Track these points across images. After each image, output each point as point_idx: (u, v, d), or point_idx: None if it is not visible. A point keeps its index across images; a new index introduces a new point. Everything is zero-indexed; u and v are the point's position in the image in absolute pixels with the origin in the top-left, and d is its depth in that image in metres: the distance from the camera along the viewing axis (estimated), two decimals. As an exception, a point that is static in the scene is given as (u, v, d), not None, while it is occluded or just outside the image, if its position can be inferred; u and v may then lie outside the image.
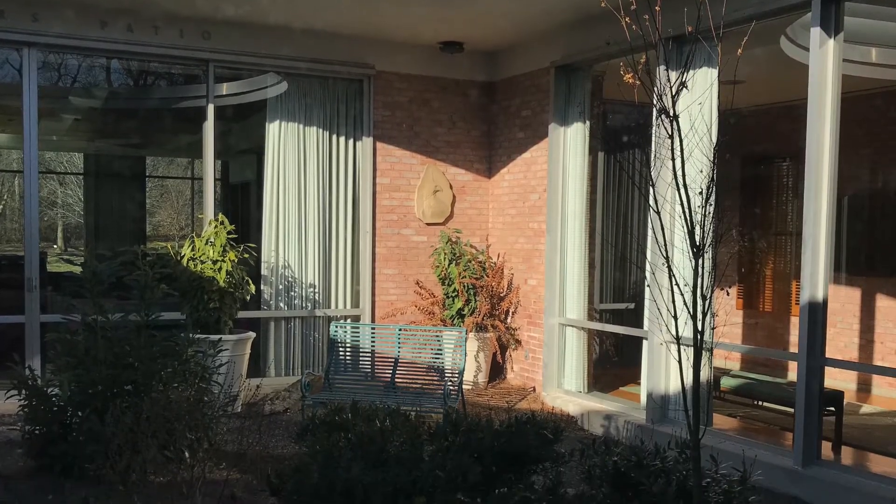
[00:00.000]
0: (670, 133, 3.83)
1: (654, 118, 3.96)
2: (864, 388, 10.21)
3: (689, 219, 3.83)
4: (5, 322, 8.96)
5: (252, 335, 9.03)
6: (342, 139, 10.39)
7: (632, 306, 10.81)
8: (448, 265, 10.46)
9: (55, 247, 31.37)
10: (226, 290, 8.57)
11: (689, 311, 3.89)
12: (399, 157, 10.57)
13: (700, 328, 3.89)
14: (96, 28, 8.95)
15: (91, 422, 6.17)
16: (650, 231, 7.83)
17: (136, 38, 9.13)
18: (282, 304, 10.10)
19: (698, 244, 3.84)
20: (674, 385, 7.96)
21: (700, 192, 3.83)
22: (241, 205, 15.66)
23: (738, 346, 10.77)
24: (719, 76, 6.88)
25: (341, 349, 8.98)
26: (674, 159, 3.84)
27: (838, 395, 7.76)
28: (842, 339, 10.54)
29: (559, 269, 9.71)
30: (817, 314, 6.63)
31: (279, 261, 10.08)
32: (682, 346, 4.00)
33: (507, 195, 10.72)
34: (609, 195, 11.04)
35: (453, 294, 10.39)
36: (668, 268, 3.93)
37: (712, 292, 3.93)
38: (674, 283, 3.91)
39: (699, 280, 3.85)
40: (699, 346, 3.90)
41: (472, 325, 10.12)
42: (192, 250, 8.73)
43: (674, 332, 3.89)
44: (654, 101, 3.83)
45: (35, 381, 6.52)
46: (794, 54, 7.88)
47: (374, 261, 10.46)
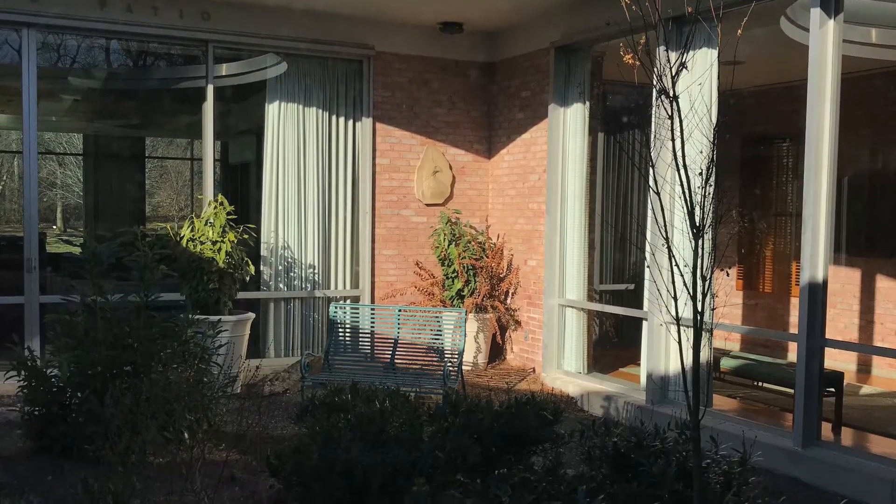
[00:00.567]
0: (670, 114, 3.81)
1: (653, 99, 3.93)
2: (864, 369, 10.23)
3: (688, 199, 3.82)
4: (4, 303, 8.94)
5: (251, 316, 9.03)
6: (342, 120, 10.37)
7: (632, 287, 10.82)
8: (448, 246, 10.44)
9: (54, 227, 31.40)
10: (225, 271, 8.57)
11: (689, 292, 3.88)
12: (399, 138, 10.54)
13: (700, 309, 3.88)
14: (95, 8, 8.92)
15: (90, 403, 6.19)
16: (650, 212, 7.82)
17: (136, 19, 9.09)
18: (281, 285, 10.10)
19: (698, 225, 3.83)
20: (674, 366, 7.98)
21: (700, 173, 3.82)
22: (241, 185, 15.65)
23: (738, 327, 10.77)
24: (719, 57, 6.86)
25: (341, 330, 8.99)
26: (673, 140, 3.83)
27: (838, 375, 7.76)
28: (842, 321, 10.54)
29: (559, 250, 9.70)
30: (817, 295, 6.63)
31: (279, 242, 10.07)
32: (681, 327, 3.99)
33: (506, 176, 10.70)
34: (609, 176, 11.02)
35: (453, 275, 10.39)
36: (668, 248, 3.92)
37: (712, 273, 3.92)
38: (673, 263, 3.90)
39: (699, 261, 3.84)
40: (699, 326, 3.89)
41: (471, 305, 10.12)
42: (192, 231, 8.72)
43: (673, 313, 3.88)
44: (654, 82, 3.81)
45: (34, 361, 6.52)
46: (794, 35, 7.86)
47: (373, 241, 10.45)
